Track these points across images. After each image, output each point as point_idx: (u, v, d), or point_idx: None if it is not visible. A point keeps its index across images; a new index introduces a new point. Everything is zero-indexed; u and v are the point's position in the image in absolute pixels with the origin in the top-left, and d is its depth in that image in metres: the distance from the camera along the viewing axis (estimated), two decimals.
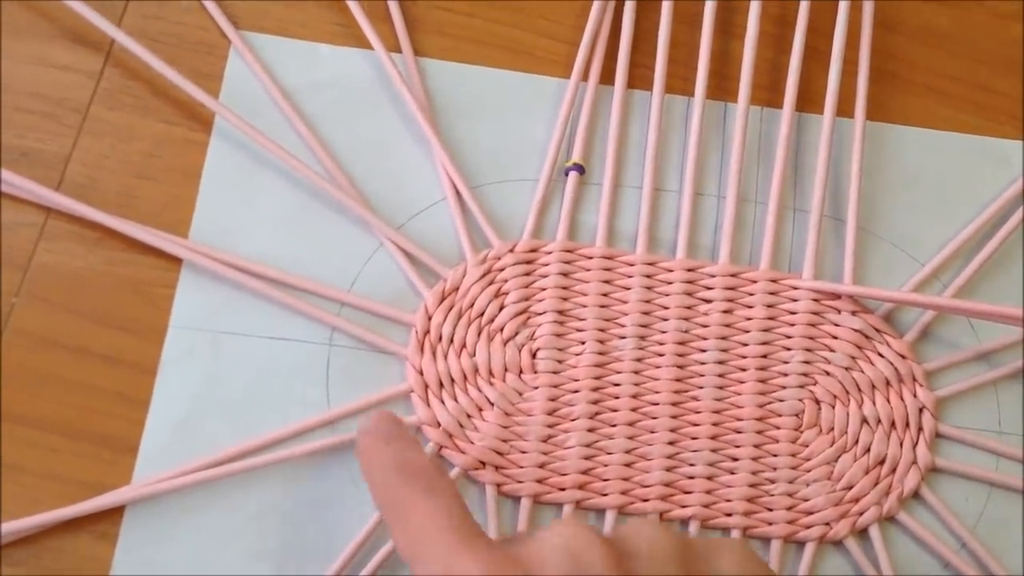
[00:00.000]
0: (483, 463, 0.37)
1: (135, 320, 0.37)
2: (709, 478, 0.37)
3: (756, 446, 0.38)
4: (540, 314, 0.38)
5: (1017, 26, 0.45)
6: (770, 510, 0.37)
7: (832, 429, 0.38)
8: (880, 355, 0.39)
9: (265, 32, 0.41)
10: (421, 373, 0.37)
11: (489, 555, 0.26)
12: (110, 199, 0.38)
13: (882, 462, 0.38)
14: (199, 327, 0.37)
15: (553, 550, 0.26)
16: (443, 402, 0.37)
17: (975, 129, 0.43)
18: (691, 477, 0.37)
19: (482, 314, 0.38)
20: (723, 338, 0.39)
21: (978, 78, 0.44)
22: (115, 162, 0.39)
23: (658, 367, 0.38)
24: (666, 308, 0.39)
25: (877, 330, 0.39)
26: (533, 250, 0.39)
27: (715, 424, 0.38)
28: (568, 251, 0.39)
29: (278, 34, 0.41)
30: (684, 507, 0.37)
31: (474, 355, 0.38)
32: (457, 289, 0.38)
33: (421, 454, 0.31)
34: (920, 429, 0.38)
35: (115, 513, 0.35)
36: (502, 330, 0.38)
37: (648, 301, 0.39)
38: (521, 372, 0.38)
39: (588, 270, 0.39)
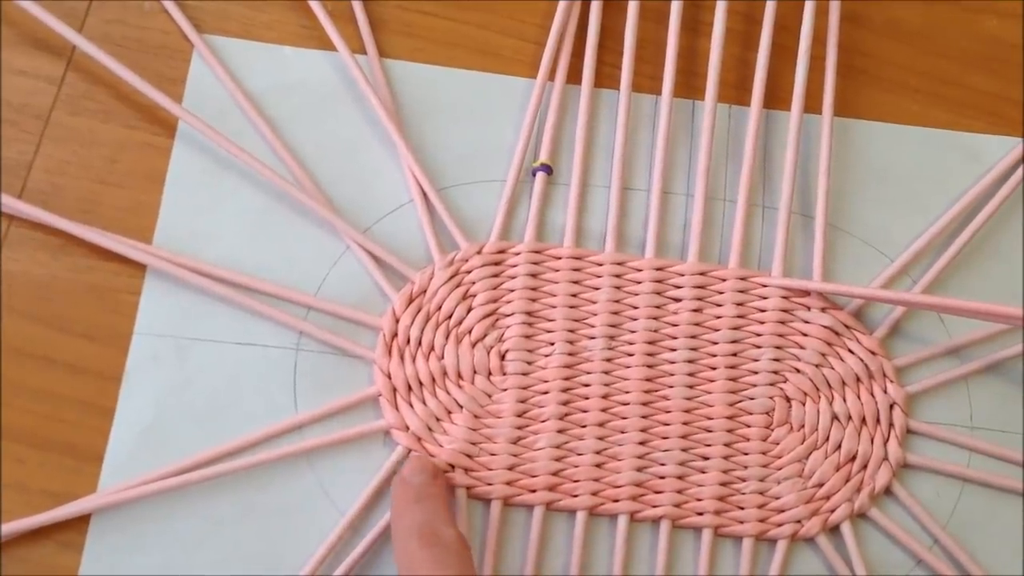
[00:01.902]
0: (452, 466, 0.36)
1: (99, 327, 0.37)
2: (680, 477, 0.37)
3: (727, 445, 0.38)
4: (509, 315, 0.38)
5: (986, 21, 0.45)
6: (741, 508, 0.37)
7: (803, 426, 0.38)
8: (850, 351, 0.39)
9: (228, 35, 0.41)
10: (389, 376, 0.37)
11: None
12: (73, 205, 0.38)
13: (853, 459, 0.38)
14: (164, 333, 0.37)
15: None
16: (411, 405, 0.37)
17: (944, 124, 0.43)
18: (662, 477, 0.37)
19: (450, 316, 0.38)
20: (693, 337, 0.39)
21: (947, 73, 0.44)
22: (78, 168, 0.39)
23: (628, 367, 0.38)
24: (635, 308, 0.39)
25: (847, 327, 0.39)
26: (501, 251, 0.39)
27: (685, 423, 0.38)
28: (536, 252, 0.39)
29: (242, 37, 0.41)
30: (655, 507, 0.37)
31: (442, 358, 0.37)
32: (425, 291, 0.38)
33: (448, 524, 0.32)
34: (891, 425, 0.38)
35: (81, 522, 0.35)
36: (470, 332, 0.38)
37: (617, 301, 0.39)
38: (490, 374, 0.38)
39: (557, 271, 0.39)
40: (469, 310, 0.38)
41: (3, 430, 0.36)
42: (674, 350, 0.38)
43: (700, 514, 0.37)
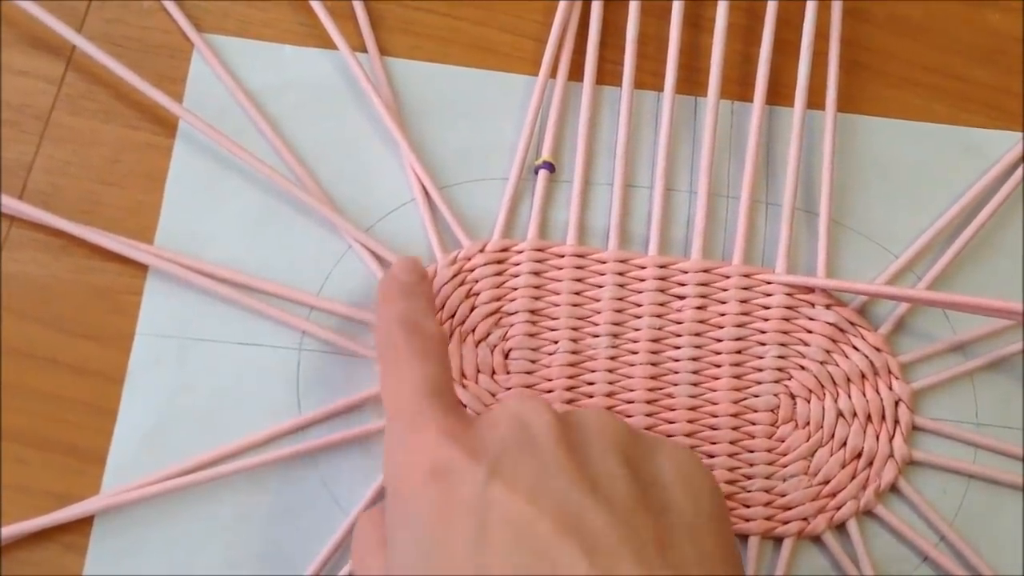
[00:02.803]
0: None
1: (101, 328, 0.37)
2: None
3: (732, 442, 0.37)
4: (512, 314, 0.38)
5: (988, 15, 0.45)
6: (747, 506, 0.37)
7: (808, 423, 0.38)
8: (855, 348, 0.39)
9: (228, 34, 0.41)
10: None
11: (448, 421, 0.29)
12: (74, 206, 0.38)
13: (859, 456, 0.38)
14: (167, 334, 0.37)
15: (504, 416, 0.29)
16: None
17: (947, 119, 0.43)
18: None
19: (453, 315, 0.38)
20: (697, 334, 0.39)
21: (950, 67, 0.44)
22: (78, 168, 0.39)
23: (632, 365, 0.38)
24: (639, 305, 0.39)
25: (851, 323, 0.39)
26: (504, 249, 0.39)
27: (691, 421, 0.37)
28: (539, 250, 0.39)
29: (241, 35, 0.41)
30: None
31: None
32: None
33: (430, 319, 0.33)
34: (896, 422, 0.38)
35: (84, 524, 0.35)
36: (474, 331, 0.38)
37: (621, 299, 0.39)
38: (494, 373, 0.37)
39: (560, 268, 0.39)
40: (472, 308, 0.38)
41: (5, 431, 0.35)
42: (678, 348, 0.38)
43: None
